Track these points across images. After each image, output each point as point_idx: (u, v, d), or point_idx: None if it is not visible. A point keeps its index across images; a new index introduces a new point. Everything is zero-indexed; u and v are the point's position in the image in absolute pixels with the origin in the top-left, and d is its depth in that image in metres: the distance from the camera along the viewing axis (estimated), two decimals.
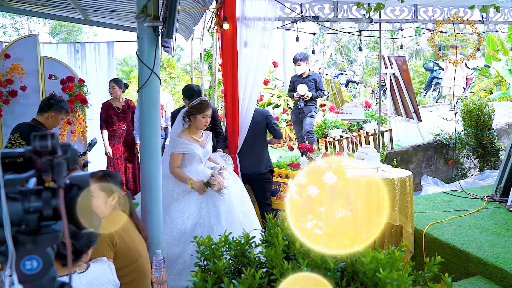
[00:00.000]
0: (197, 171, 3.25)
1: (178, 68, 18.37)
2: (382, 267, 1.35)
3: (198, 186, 3.15)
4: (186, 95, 4.00)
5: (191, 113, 3.27)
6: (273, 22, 4.00)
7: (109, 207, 2.12)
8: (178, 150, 3.22)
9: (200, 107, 3.25)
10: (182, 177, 3.19)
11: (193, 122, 3.27)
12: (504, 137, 6.62)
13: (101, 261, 1.76)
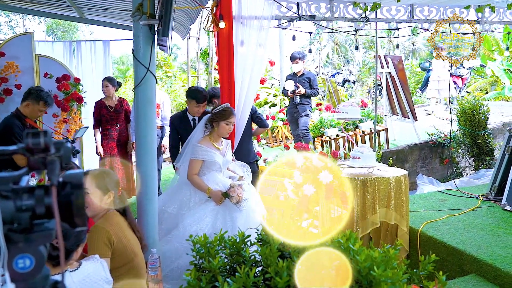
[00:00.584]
0: (215, 180, 3.16)
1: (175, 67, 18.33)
2: (377, 266, 1.35)
3: (216, 196, 3.07)
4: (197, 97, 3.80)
5: (214, 119, 3.19)
6: (269, 21, 4.00)
7: (104, 205, 2.11)
8: (198, 157, 3.13)
9: (224, 113, 3.18)
10: (200, 185, 3.11)
11: (216, 128, 3.20)
12: (499, 137, 6.65)
13: (93, 259, 1.76)
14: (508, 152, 4.56)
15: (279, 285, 1.38)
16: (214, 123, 3.20)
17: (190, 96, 3.81)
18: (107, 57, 6.46)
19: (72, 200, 0.75)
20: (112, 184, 2.18)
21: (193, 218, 3.05)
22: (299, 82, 5.76)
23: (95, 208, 2.10)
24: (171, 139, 3.95)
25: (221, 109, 3.20)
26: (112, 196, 2.17)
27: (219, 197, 3.06)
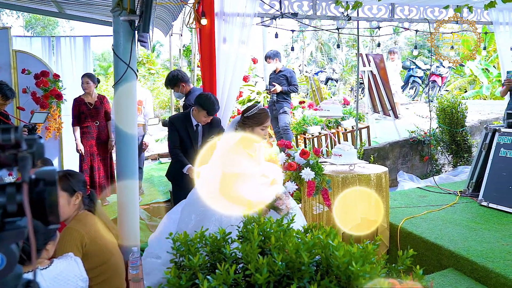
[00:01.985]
0: (253, 192, 2.74)
1: (158, 64, 18.13)
2: (355, 261, 1.37)
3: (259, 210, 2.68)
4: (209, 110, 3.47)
5: (247, 124, 2.75)
6: (252, 18, 4.00)
7: (72, 207, 2.07)
8: (234, 169, 2.69)
9: (259, 117, 2.74)
10: (237, 199, 2.69)
11: (250, 134, 2.76)
12: (476, 134, 6.81)
13: (67, 257, 1.73)
14: (484, 149, 4.68)
15: (259, 281, 1.38)
16: (247, 129, 2.75)
17: (201, 106, 3.45)
18: (87, 54, 6.33)
19: (45, 197, 0.74)
20: (79, 185, 2.14)
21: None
22: (277, 79, 5.78)
23: (64, 210, 2.06)
24: (172, 139, 3.60)
25: (255, 112, 2.73)
26: (80, 196, 2.13)
27: (264, 211, 2.66)
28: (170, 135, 3.61)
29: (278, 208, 2.65)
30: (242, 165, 2.71)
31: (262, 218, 1.84)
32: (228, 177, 2.70)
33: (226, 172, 2.70)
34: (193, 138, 3.59)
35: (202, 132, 3.62)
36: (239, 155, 2.72)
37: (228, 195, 2.69)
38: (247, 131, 2.74)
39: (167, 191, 5.14)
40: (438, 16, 5.15)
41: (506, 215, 3.99)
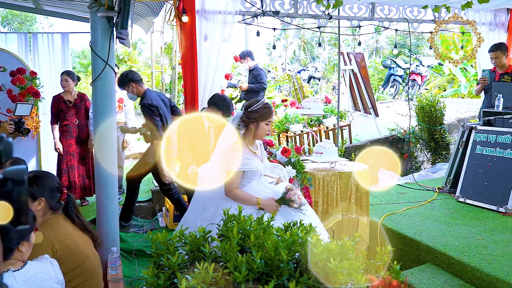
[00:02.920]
0: (260, 189, 2.68)
1: (140, 61, 17.90)
2: (333, 257, 1.38)
3: (269, 205, 2.57)
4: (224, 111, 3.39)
5: (251, 119, 2.65)
6: (233, 16, 3.99)
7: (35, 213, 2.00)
8: (239, 168, 2.59)
9: (264, 112, 2.66)
10: (245, 199, 2.60)
11: (253, 130, 2.68)
12: (454, 132, 6.97)
13: (42, 259, 1.69)
14: (461, 146, 4.79)
15: (238, 279, 1.38)
16: (251, 124, 2.66)
17: (216, 107, 3.31)
18: (66, 51, 6.20)
19: (13, 197, 0.72)
20: (43, 191, 2.07)
21: None
22: (249, 78, 5.88)
23: None
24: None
25: (259, 106, 2.65)
26: (43, 202, 2.07)
27: (274, 206, 2.57)
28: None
29: (290, 200, 2.54)
30: (248, 163, 2.62)
31: (242, 216, 1.83)
32: (234, 175, 2.59)
33: (230, 170, 2.59)
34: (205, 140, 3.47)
35: (214, 135, 3.49)
36: (242, 152, 2.62)
37: (234, 194, 2.60)
38: (251, 126, 2.67)
39: (148, 190, 5.08)
40: (417, 15, 5.24)
41: (482, 210, 4.09)
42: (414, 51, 19.04)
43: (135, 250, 3.85)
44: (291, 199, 2.53)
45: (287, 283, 1.37)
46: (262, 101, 2.71)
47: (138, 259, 3.77)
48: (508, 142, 4.30)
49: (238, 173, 2.59)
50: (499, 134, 4.40)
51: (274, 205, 2.58)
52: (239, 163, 2.57)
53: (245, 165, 2.60)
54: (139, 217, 4.73)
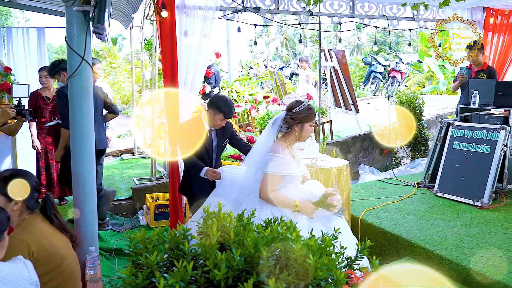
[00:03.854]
0: (296, 192, 2.61)
1: (120, 57, 17.60)
2: (313, 253, 1.38)
3: (307, 208, 2.52)
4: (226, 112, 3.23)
5: (297, 120, 2.57)
6: (214, 11, 3.94)
7: (11, 213, 1.94)
8: (279, 172, 2.52)
9: (309, 113, 2.59)
10: (283, 201, 2.53)
11: (297, 132, 2.60)
12: (433, 128, 7.10)
13: (15, 260, 1.65)
14: (439, 142, 4.88)
15: (217, 277, 1.37)
16: (295, 126, 2.58)
17: (218, 108, 3.21)
18: (42, 46, 6.03)
19: None
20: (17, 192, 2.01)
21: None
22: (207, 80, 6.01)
23: None
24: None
25: (304, 107, 2.57)
26: (20, 202, 2.01)
27: (312, 209, 2.52)
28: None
29: (331, 205, 2.49)
30: (288, 168, 2.54)
31: (222, 214, 1.82)
32: (274, 179, 2.52)
33: (269, 173, 2.51)
34: (207, 144, 3.34)
35: (216, 137, 3.39)
36: (283, 156, 2.54)
37: (270, 197, 2.52)
38: (295, 128, 2.59)
39: (128, 188, 5.01)
40: (396, 13, 5.30)
41: (459, 204, 4.19)
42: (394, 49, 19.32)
43: (115, 249, 3.79)
44: (333, 204, 2.48)
45: (266, 280, 1.36)
46: (305, 102, 2.64)
47: (118, 258, 3.72)
48: (483, 137, 4.40)
49: (278, 177, 2.53)
50: (475, 130, 4.50)
51: (312, 207, 2.52)
52: (280, 167, 2.51)
53: (285, 170, 2.53)
54: (119, 215, 4.67)
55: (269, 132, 2.65)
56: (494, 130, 4.33)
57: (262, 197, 2.54)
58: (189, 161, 3.27)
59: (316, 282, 1.36)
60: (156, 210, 4.35)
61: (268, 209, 2.53)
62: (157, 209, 4.36)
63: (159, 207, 4.37)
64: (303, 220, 2.50)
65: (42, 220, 2.13)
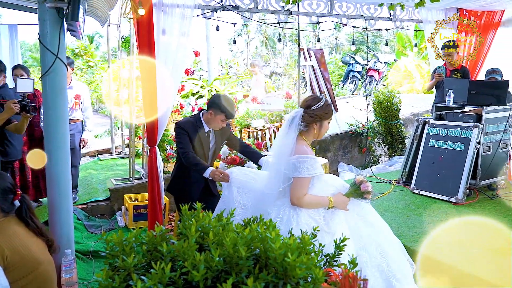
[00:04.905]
0: (325, 188, 2.51)
1: (97, 56, 17.27)
2: (291, 252, 1.39)
3: (341, 201, 2.44)
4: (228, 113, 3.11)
5: (317, 117, 2.47)
6: (192, 10, 3.91)
7: None
8: (310, 174, 2.40)
9: (329, 110, 2.52)
10: (318, 202, 2.43)
11: (316, 130, 2.51)
12: (409, 126, 7.24)
13: None
14: (416, 140, 4.98)
15: (196, 278, 1.35)
16: (314, 124, 2.48)
17: (219, 108, 3.07)
18: (14, 43, 5.85)
19: None
20: None
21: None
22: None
23: None
24: (184, 144, 3.13)
25: (323, 104, 2.48)
26: None
27: (346, 201, 2.45)
28: (181, 140, 3.13)
29: (366, 192, 2.42)
30: (317, 168, 2.42)
31: (201, 214, 1.80)
32: (305, 182, 2.40)
33: (304, 176, 2.38)
34: (205, 145, 3.22)
35: (215, 138, 3.28)
36: (312, 155, 2.44)
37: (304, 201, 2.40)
38: (314, 126, 2.49)
39: (106, 189, 4.92)
40: (373, 13, 5.37)
41: (435, 201, 4.29)
42: (371, 48, 19.61)
43: (92, 252, 3.72)
44: (368, 190, 2.43)
45: (245, 280, 1.36)
46: (323, 98, 2.54)
47: (96, 261, 3.65)
48: (458, 135, 4.52)
49: (309, 178, 2.41)
50: (450, 128, 4.61)
51: (346, 199, 2.45)
52: (311, 167, 2.39)
53: (315, 170, 2.41)
54: (96, 217, 4.58)
55: (287, 133, 2.49)
56: (468, 128, 4.44)
57: (295, 203, 2.40)
58: (191, 160, 3.08)
59: (295, 281, 1.37)
60: (134, 211, 4.29)
61: (304, 213, 2.41)
62: (136, 210, 4.29)
63: (137, 208, 4.30)
64: (341, 216, 2.45)
65: (17, 223, 2.07)
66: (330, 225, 2.40)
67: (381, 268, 2.35)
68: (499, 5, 5.43)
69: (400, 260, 2.41)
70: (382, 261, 2.35)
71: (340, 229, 2.35)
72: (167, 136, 5.08)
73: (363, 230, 2.44)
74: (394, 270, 2.35)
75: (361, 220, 2.49)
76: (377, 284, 2.28)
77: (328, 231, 2.38)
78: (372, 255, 2.37)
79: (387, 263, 2.35)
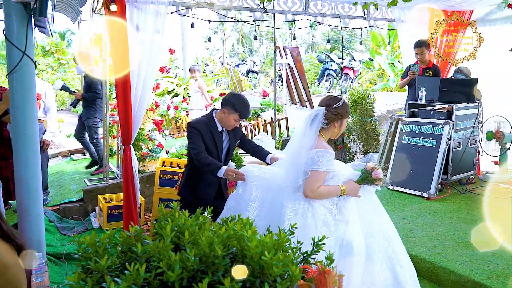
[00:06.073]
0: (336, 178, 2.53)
1: (69, 53, 16.81)
2: (268, 250, 1.38)
3: (352, 188, 2.47)
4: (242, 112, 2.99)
5: (338, 116, 2.52)
6: (166, 6, 3.85)
7: None
8: (329, 168, 2.44)
9: (348, 108, 2.59)
10: (330, 192, 2.46)
11: (336, 128, 2.55)
12: (384, 123, 7.39)
13: None
14: (390, 137, 5.08)
15: (171, 279, 1.33)
16: (336, 122, 2.53)
17: (233, 107, 2.96)
18: None
19: None
20: None
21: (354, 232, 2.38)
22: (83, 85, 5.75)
23: None
24: (197, 144, 2.99)
25: (343, 102, 2.54)
26: None
27: (357, 188, 2.49)
28: (194, 141, 2.99)
29: (378, 179, 2.47)
30: (333, 163, 2.47)
31: (177, 213, 1.78)
32: (322, 175, 2.43)
33: (322, 170, 2.42)
34: (219, 145, 3.08)
35: (228, 137, 3.14)
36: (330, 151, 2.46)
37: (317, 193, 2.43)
38: (335, 123, 2.53)
39: (79, 189, 4.80)
40: (348, 12, 5.44)
41: (408, 196, 4.39)
42: (346, 47, 19.87)
43: (65, 254, 3.62)
44: (379, 177, 2.48)
45: (222, 279, 1.34)
46: (342, 97, 2.59)
47: (69, 264, 3.55)
48: (430, 132, 4.64)
49: (325, 173, 2.44)
50: (422, 125, 4.73)
51: (357, 186, 2.48)
52: (329, 163, 2.43)
53: (332, 166, 2.46)
54: (69, 218, 4.46)
55: (309, 130, 2.52)
56: (439, 125, 4.57)
57: (310, 195, 2.44)
58: (203, 160, 2.93)
59: (272, 279, 1.37)
60: (109, 212, 4.20)
61: (319, 204, 2.46)
62: (111, 210, 4.20)
63: (112, 208, 4.21)
64: (353, 202, 2.49)
65: None
66: (344, 212, 2.46)
67: (388, 254, 2.43)
68: (467, 5, 5.59)
69: (402, 249, 2.51)
70: (388, 248, 2.44)
71: (352, 216, 2.43)
72: (142, 134, 5.00)
73: (372, 217, 2.50)
74: (399, 257, 2.45)
75: (371, 207, 2.56)
76: (383, 270, 2.36)
77: (342, 219, 2.43)
78: (380, 241, 2.43)
79: (392, 250, 2.43)
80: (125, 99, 3.62)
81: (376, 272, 2.35)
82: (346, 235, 2.36)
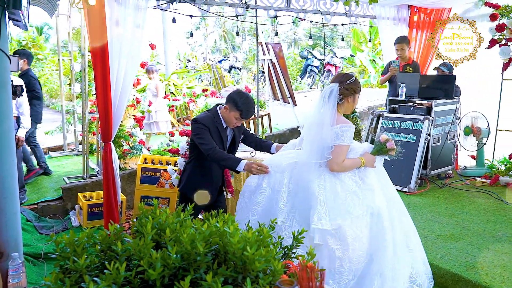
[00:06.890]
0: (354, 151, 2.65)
1: (47, 48, 16.40)
2: (250, 246, 1.38)
3: (370, 160, 2.63)
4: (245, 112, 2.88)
5: (351, 91, 2.60)
6: (147, 1, 3.79)
7: None
8: (351, 141, 2.57)
9: (359, 84, 2.69)
10: (352, 164, 2.58)
11: (349, 103, 2.63)
12: (365, 119, 7.47)
13: None
14: (371, 132, 5.14)
15: (152, 277, 1.31)
16: (349, 98, 2.61)
17: (235, 105, 2.86)
18: None
19: None
20: None
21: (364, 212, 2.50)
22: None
23: None
24: (207, 139, 2.86)
25: (355, 78, 2.64)
26: None
27: (374, 159, 2.65)
28: (204, 136, 2.86)
29: (392, 149, 2.65)
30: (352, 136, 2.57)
31: (158, 211, 1.75)
32: (345, 149, 2.54)
33: (347, 144, 2.53)
34: (225, 141, 3.01)
35: (232, 132, 3.07)
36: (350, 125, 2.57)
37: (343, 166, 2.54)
38: (348, 99, 2.61)
39: (58, 188, 4.69)
40: (330, 8, 5.46)
41: None
42: (328, 43, 20.01)
43: (43, 254, 3.54)
44: (393, 147, 2.65)
45: (204, 276, 1.33)
46: (352, 73, 2.71)
47: (47, 263, 3.48)
48: (410, 127, 4.71)
49: (348, 146, 2.55)
50: (403, 120, 4.80)
51: (373, 158, 2.64)
52: (351, 136, 2.55)
53: (352, 139, 2.58)
54: (48, 217, 4.36)
55: (327, 105, 2.58)
56: (419, 121, 4.64)
57: (336, 169, 2.54)
58: (219, 155, 2.82)
59: (254, 274, 1.36)
60: (89, 210, 4.13)
61: (345, 176, 2.57)
62: (91, 208, 4.13)
63: (92, 207, 4.14)
64: (372, 173, 2.64)
65: None
66: (367, 182, 2.59)
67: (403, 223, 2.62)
68: (446, 2, 5.68)
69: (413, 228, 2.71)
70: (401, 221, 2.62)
71: (375, 184, 2.60)
72: (122, 131, 4.92)
73: (389, 185, 2.70)
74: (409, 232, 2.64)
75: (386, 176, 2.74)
76: (399, 239, 2.52)
77: (367, 188, 2.57)
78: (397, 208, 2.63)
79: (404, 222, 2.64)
80: (105, 95, 3.55)
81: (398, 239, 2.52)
82: (374, 203, 2.50)
